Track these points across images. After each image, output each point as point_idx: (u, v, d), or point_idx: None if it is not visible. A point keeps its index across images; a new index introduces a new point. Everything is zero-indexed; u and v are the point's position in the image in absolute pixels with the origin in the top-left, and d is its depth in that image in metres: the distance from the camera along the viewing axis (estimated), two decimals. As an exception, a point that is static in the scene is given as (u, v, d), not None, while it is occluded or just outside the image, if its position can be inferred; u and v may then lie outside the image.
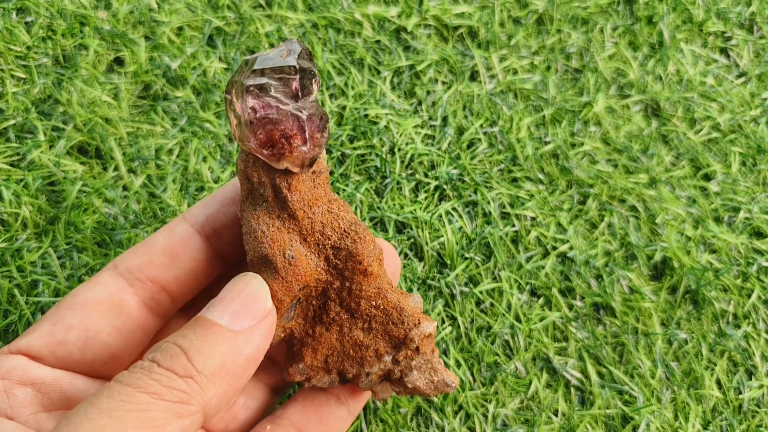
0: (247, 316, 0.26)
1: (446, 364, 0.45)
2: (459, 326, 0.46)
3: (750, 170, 0.54)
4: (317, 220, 0.30)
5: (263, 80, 0.28)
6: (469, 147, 0.53)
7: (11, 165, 0.47)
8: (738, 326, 0.48)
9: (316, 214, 0.30)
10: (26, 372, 0.28)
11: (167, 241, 0.32)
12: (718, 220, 0.52)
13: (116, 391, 0.22)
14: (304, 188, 0.30)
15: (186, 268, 0.31)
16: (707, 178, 0.54)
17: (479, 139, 0.53)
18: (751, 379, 0.46)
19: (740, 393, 0.46)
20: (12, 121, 0.49)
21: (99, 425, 0.21)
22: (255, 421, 0.34)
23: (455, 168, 0.51)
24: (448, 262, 0.48)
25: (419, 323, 0.32)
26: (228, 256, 0.33)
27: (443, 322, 0.46)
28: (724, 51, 0.60)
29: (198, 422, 0.24)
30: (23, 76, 0.51)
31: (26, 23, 0.53)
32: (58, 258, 0.45)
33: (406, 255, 0.48)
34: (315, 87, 0.29)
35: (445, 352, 0.45)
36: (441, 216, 0.49)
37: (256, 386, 0.35)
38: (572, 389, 0.45)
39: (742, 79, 0.58)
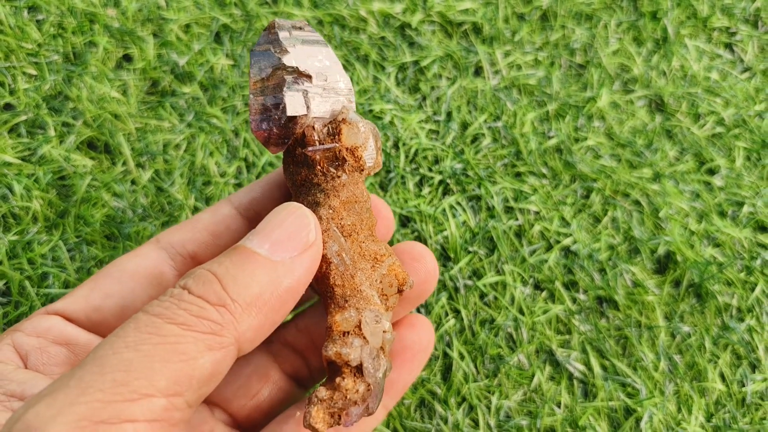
0: (288, 247, 0.25)
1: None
2: (462, 319, 0.46)
3: (754, 165, 0.54)
4: (297, 199, 0.31)
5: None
6: (473, 142, 0.53)
7: (22, 160, 0.48)
8: (742, 320, 0.48)
9: (299, 193, 0.30)
10: (62, 332, 0.28)
11: (211, 220, 0.32)
12: (722, 214, 0.52)
13: (143, 323, 0.21)
14: (289, 166, 0.31)
15: (227, 247, 0.31)
16: (711, 172, 0.54)
17: (483, 134, 0.53)
18: (754, 372, 0.46)
19: (743, 386, 0.46)
20: (23, 117, 0.50)
21: (125, 359, 0.20)
22: (277, 412, 0.34)
23: (459, 162, 0.51)
24: (452, 255, 0.48)
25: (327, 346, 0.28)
26: None
27: (446, 315, 0.47)
28: (728, 46, 0.60)
29: (231, 355, 0.23)
30: (34, 72, 0.51)
31: (37, 21, 0.53)
32: (68, 251, 0.46)
33: (410, 248, 0.48)
34: (279, 74, 0.29)
35: (449, 345, 0.46)
36: (445, 210, 0.50)
37: (279, 376, 0.34)
38: (575, 381, 0.45)
39: (747, 74, 0.58)
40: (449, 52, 0.56)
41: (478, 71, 0.56)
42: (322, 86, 0.30)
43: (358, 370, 0.28)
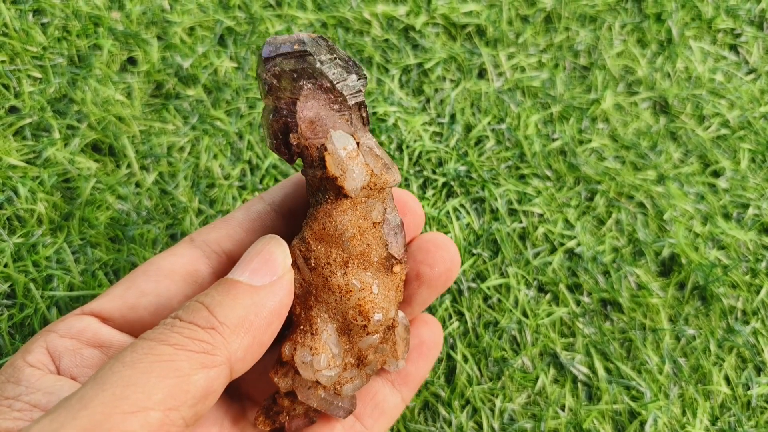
0: (266, 273, 0.27)
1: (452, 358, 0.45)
2: (466, 321, 0.46)
3: (759, 167, 0.54)
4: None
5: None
6: (476, 144, 0.53)
7: (27, 162, 0.48)
8: (747, 322, 0.48)
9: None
10: (96, 334, 0.28)
11: (245, 218, 0.32)
12: (726, 216, 0.52)
13: (139, 346, 0.23)
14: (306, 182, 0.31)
15: None
16: (716, 174, 0.53)
17: (487, 136, 0.53)
18: (759, 375, 0.46)
19: (749, 389, 0.46)
20: (28, 120, 0.50)
21: (124, 377, 0.21)
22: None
23: (463, 165, 0.51)
24: (456, 257, 0.48)
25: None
26: None
27: (450, 317, 0.47)
28: (733, 48, 0.59)
29: (224, 375, 0.24)
30: (39, 75, 0.52)
31: (42, 24, 0.54)
32: (73, 253, 0.46)
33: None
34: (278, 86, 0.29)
35: (453, 347, 0.46)
36: (449, 212, 0.50)
37: None
38: (579, 384, 0.45)
39: (752, 76, 0.58)
40: (453, 54, 0.56)
41: (482, 73, 0.56)
42: (313, 104, 0.29)
43: (293, 394, 0.30)
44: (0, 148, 0.48)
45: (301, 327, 0.30)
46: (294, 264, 0.29)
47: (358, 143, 0.30)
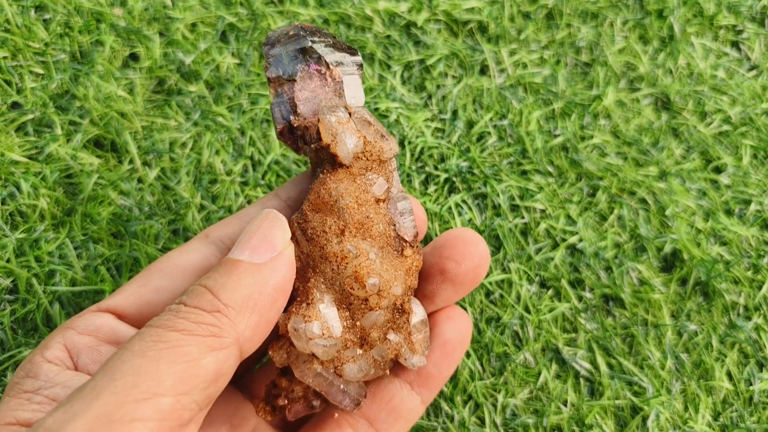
0: (266, 249, 0.27)
1: None
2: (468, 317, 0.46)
3: (761, 163, 0.54)
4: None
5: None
6: (478, 140, 0.53)
7: (30, 158, 0.48)
8: (749, 318, 0.48)
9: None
10: (113, 330, 0.28)
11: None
12: (728, 212, 0.52)
13: (147, 334, 0.23)
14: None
15: None
16: (718, 170, 0.53)
17: (489, 132, 0.53)
18: (762, 371, 0.46)
19: (751, 385, 0.46)
20: (30, 116, 0.50)
21: (134, 365, 0.21)
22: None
23: (465, 161, 0.51)
24: (458, 253, 0.48)
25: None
26: None
27: (453, 312, 0.47)
28: (735, 44, 0.59)
29: (234, 356, 0.24)
30: (41, 71, 0.52)
31: (44, 20, 0.54)
32: (75, 249, 0.46)
33: (416, 246, 0.48)
34: (297, 68, 0.30)
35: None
36: (451, 208, 0.50)
37: None
38: (581, 380, 0.45)
39: (754, 72, 0.58)
40: (455, 50, 0.56)
41: (484, 70, 0.56)
42: (309, 85, 0.30)
43: (291, 373, 0.30)
44: (2, 143, 0.48)
45: (298, 299, 0.29)
46: (293, 237, 0.29)
47: (350, 113, 0.30)
